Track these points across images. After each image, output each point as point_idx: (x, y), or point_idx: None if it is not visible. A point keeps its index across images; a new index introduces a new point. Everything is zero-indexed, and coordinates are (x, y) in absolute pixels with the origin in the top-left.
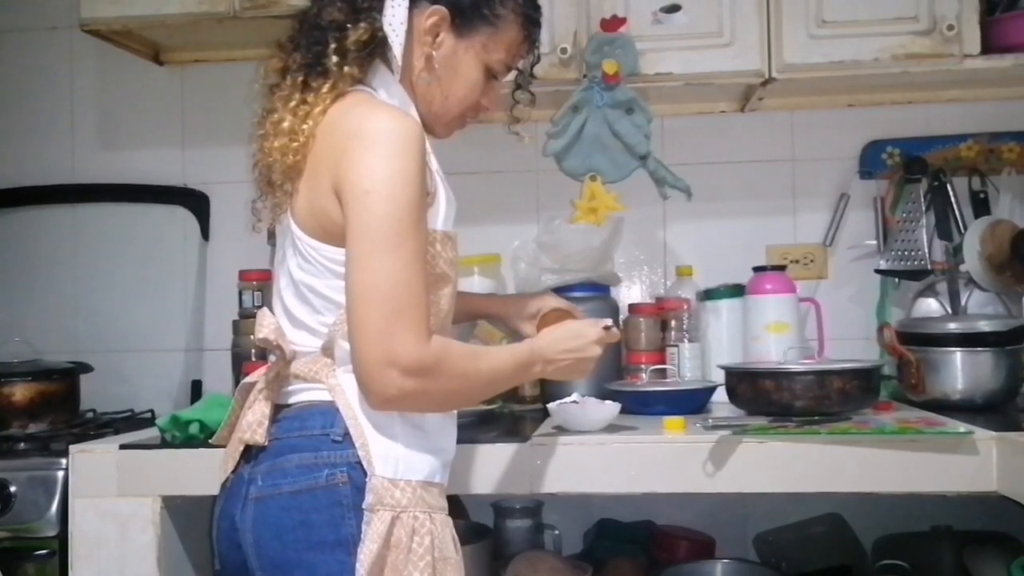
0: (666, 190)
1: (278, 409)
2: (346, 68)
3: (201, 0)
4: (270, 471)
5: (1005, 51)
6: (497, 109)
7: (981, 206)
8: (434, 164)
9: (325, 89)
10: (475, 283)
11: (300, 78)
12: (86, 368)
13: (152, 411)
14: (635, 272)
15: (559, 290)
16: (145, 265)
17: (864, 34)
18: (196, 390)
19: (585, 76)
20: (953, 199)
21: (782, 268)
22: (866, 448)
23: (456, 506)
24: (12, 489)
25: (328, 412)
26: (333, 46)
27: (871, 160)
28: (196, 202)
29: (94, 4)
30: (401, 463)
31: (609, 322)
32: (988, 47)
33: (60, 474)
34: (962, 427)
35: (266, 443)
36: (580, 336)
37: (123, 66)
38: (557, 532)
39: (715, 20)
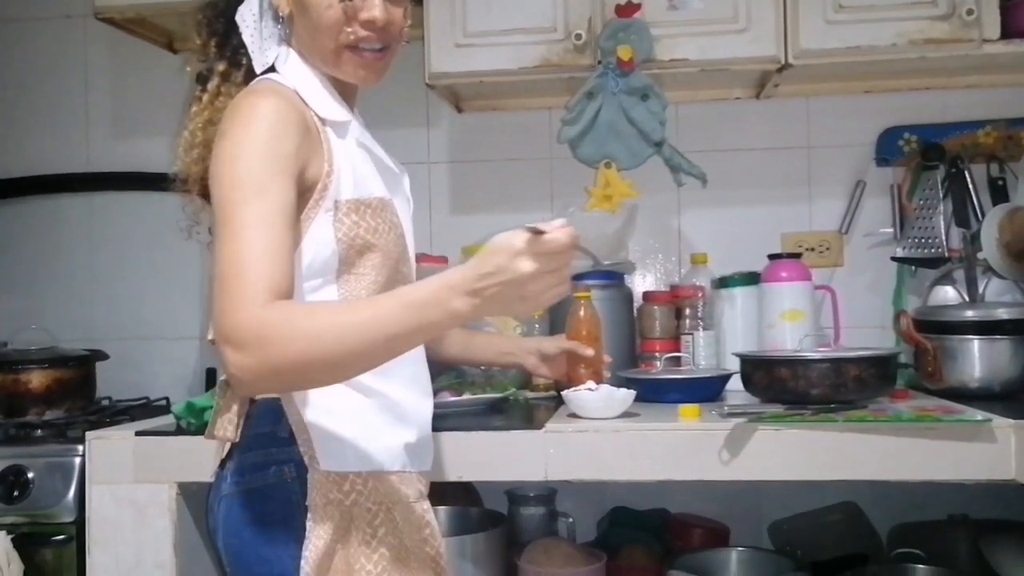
0: (681, 177)
1: (251, 405)
2: (220, 66)
3: None
4: (235, 469)
5: None
6: (376, 25)
7: (999, 193)
8: (354, 133)
9: (208, 91)
10: None
11: (198, 89)
12: (102, 356)
13: (167, 398)
14: (650, 260)
15: (573, 278)
16: (159, 253)
17: (882, 19)
18: (210, 378)
19: (600, 62)
20: (971, 186)
21: (797, 256)
22: (882, 436)
23: (470, 493)
24: (30, 475)
25: (276, 409)
26: (200, 42)
27: (888, 147)
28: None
29: None
30: (350, 456)
31: (543, 225)
32: (1008, 32)
33: (77, 461)
34: (980, 415)
35: (237, 440)
36: (499, 251)
37: (137, 54)
38: (571, 520)
39: (731, 5)
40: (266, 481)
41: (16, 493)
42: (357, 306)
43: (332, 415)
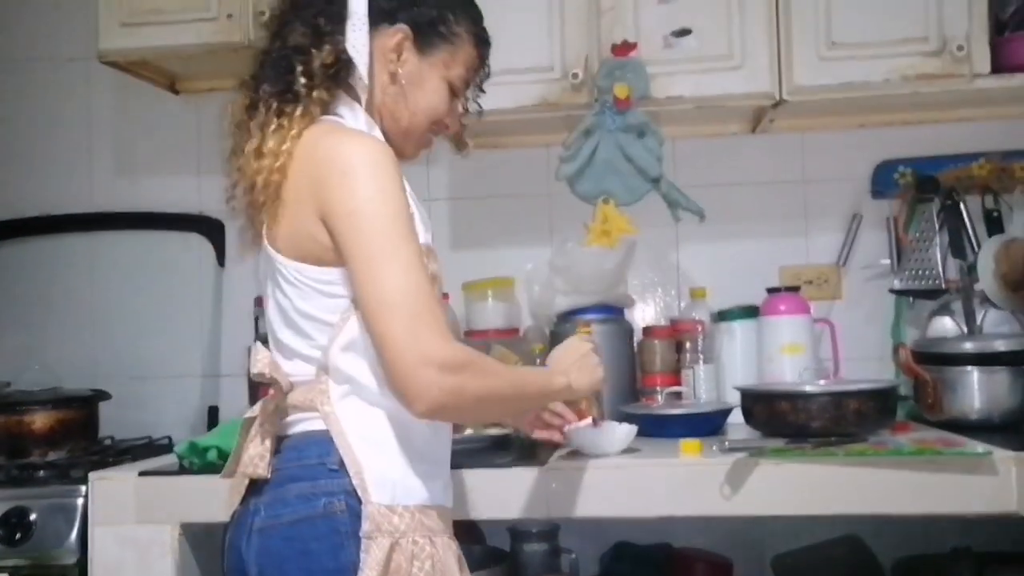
0: (678, 212)
1: (280, 440)
2: (315, 92)
3: (217, 30)
4: (272, 502)
5: (1015, 70)
6: (456, 127)
7: (994, 224)
8: (406, 185)
9: (298, 113)
10: (489, 307)
11: (274, 105)
12: (104, 396)
13: (169, 438)
14: (649, 294)
15: (573, 313)
16: (162, 292)
17: (874, 55)
18: (213, 416)
19: (596, 100)
20: (966, 218)
21: (796, 289)
22: (884, 469)
23: (473, 530)
24: (32, 517)
25: (323, 441)
26: (300, 69)
27: (883, 180)
28: (212, 229)
29: (112, 36)
30: (398, 488)
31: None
32: (998, 67)
33: (79, 501)
34: (980, 447)
35: (269, 475)
36: (567, 344)
37: (139, 95)
38: (574, 556)
39: (725, 43)
40: (314, 512)
41: (18, 535)
42: (510, 366)
43: (381, 448)
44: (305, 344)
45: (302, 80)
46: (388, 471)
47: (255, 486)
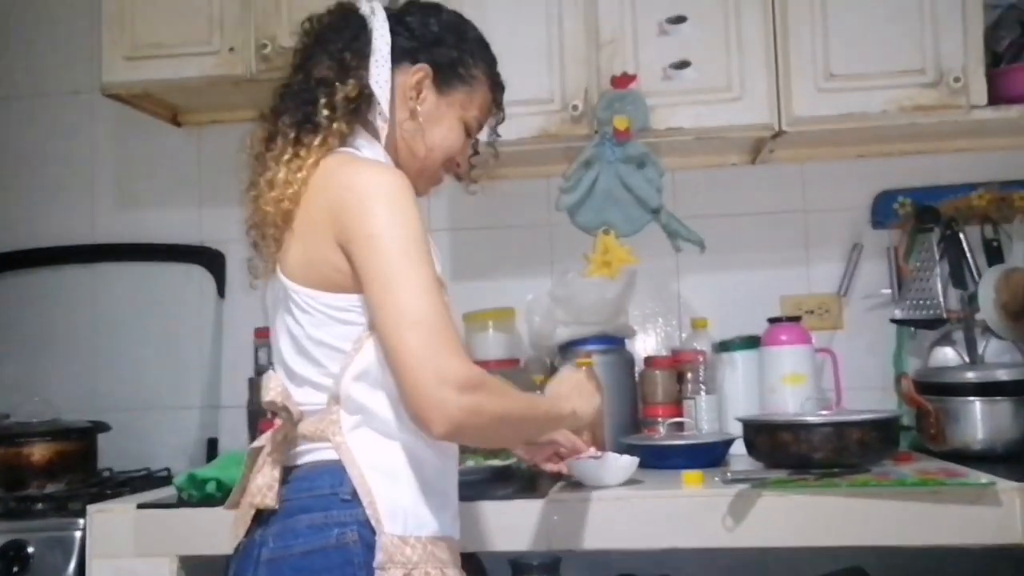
0: (679, 243)
1: (288, 470)
2: (335, 124)
3: (219, 64)
4: (281, 532)
5: (1012, 102)
6: (465, 166)
7: (994, 254)
8: None
9: (316, 143)
10: (489, 337)
11: (292, 135)
12: (104, 427)
13: (168, 469)
14: (650, 325)
15: (574, 343)
16: (162, 323)
17: (871, 87)
18: (212, 448)
19: (596, 132)
20: (966, 248)
21: (797, 319)
22: (887, 500)
23: (473, 563)
24: (30, 550)
25: (336, 471)
26: (323, 101)
27: (883, 210)
28: (212, 260)
29: (115, 69)
30: (410, 520)
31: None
32: (995, 98)
33: (77, 534)
34: (984, 478)
35: (277, 506)
36: (562, 375)
37: (142, 128)
38: None
39: (724, 75)
40: (326, 543)
41: (16, 569)
42: (518, 390)
43: (392, 478)
44: (316, 372)
45: (324, 112)
46: (400, 501)
47: (261, 517)
